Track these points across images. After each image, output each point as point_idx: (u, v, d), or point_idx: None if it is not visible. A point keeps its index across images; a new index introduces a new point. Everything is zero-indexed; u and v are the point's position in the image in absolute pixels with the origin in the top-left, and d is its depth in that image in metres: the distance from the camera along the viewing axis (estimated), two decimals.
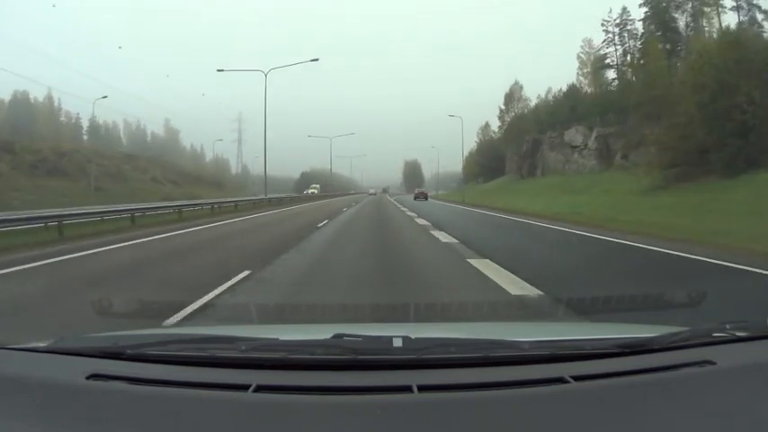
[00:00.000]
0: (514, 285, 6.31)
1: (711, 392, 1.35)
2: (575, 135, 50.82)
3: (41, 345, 1.67)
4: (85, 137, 73.48)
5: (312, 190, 77.14)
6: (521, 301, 5.57)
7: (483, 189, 62.70)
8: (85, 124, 76.10)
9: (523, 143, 59.75)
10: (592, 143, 47.81)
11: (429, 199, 56.28)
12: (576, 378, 1.37)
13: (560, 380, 1.37)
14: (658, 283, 6.95)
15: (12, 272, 7.81)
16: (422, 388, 1.32)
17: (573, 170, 49.12)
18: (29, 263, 8.46)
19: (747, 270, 7.35)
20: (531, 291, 5.93)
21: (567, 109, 53.72)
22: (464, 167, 75.96)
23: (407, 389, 1.32)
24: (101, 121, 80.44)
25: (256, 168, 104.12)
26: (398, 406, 1.27)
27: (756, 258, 8.12)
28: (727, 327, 1.68)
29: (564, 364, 1.48)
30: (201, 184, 64.45)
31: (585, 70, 59.04)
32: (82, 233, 13.63)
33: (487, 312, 5.02)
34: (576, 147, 50.52)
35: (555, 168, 53.12)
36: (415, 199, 55.46)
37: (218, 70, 39.48)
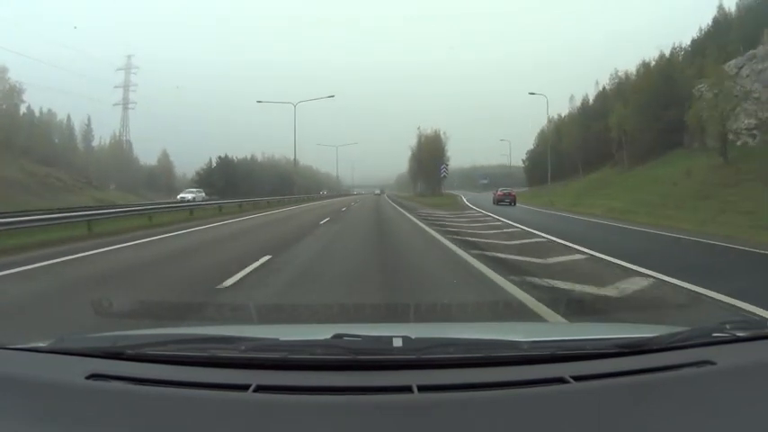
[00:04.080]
0: None
1: (711, 392, 1.35)
2: None
3: (41, 345, 1.67)
4: None
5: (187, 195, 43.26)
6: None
7: None
8: None
9: None
10: None
11: None
12: (577, 378, 1.37)
13: (560, 380, 1.37)
14: None
15: None
16: (422, 388, 1.32)
17: None
18: None
19: None
20: None
21: None
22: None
23: (407, 389, 1.32)
24: None
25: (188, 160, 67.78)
26: (398, 406, 1.27)
27: None
28: (727, 327, 1.69)
29: (564, 364, 1.48)
30: None
31: None
32: None
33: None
34: None
35: None
36: (497, 203, 36.28)
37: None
